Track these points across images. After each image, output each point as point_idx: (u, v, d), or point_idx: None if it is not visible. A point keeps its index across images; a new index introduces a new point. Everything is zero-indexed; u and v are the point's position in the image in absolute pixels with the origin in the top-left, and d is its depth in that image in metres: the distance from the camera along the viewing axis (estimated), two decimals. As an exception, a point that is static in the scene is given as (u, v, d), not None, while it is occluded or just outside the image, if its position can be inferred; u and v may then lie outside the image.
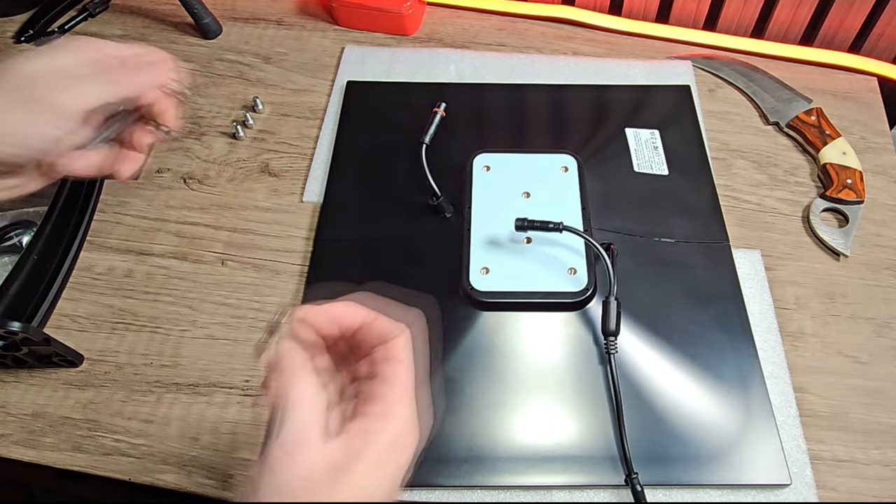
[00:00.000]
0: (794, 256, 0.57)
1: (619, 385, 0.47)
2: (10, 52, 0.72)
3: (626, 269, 0.53)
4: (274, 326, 0.32)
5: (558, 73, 0.69)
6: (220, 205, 0.60)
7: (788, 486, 0.46)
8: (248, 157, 0.64)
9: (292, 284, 0.55)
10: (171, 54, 0.48)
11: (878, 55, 0.69)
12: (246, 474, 0.47)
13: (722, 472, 0.45)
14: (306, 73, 0.70)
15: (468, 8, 0.76)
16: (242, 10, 0.76)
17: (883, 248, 0.57)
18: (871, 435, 0.48)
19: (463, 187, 0.57)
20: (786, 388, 0.50)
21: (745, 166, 0.62)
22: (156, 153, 0.64)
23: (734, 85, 0.68)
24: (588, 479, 0.45)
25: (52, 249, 0.54)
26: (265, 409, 0.32)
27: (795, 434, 0.48)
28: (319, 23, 0.75)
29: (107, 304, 0.55)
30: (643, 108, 0.65)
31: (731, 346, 0.50)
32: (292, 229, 0.59)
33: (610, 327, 0.48)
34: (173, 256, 0.57)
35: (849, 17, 0.67)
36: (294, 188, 0.61)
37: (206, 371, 0.51)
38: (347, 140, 0.63)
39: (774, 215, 0.59)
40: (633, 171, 0.60)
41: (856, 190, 0.58)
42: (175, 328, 0.53)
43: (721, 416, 0.47)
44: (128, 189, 0.61)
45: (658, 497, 0.46)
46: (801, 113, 0.63)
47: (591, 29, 0.74)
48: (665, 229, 0.56)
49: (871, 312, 0.54)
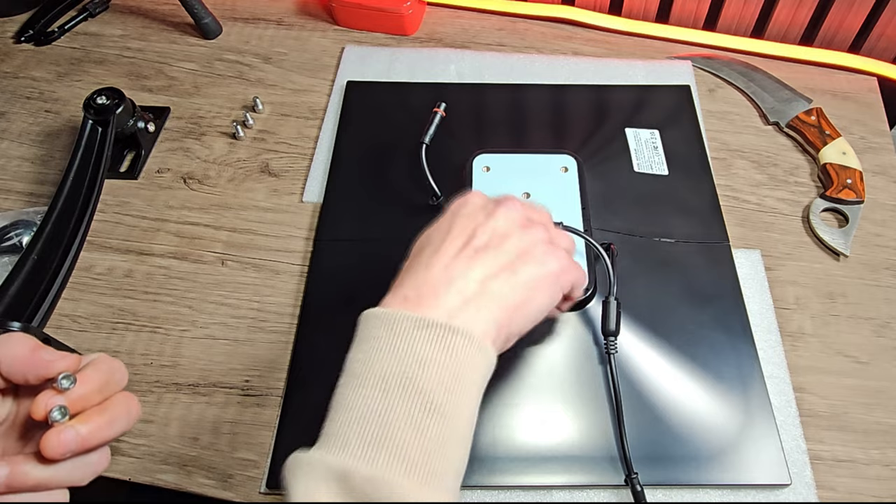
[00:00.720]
0: (794, 256, 0.57)
1: (619, 385, 0.47)
2: (10, 51, 0.72)
3: (626, 269, 0.53)
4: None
5: (558, 73, 0.69)
6: (220, 205, 0.60)
7: (788, 486, 0.46)
8: (248, 157, 0.64)
9: (292, 284, 0.55)
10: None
11: (878, 55, 0.69)
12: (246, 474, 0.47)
13: (722, 472, 0.45)
14: (306, 73, 0.70)
15: (468, 8, 0.76)
16: (242, 10, 0.76)
17: (883, 248, 0.57)
18: (871, 435, 0.48)
19: (463, 187, 0.57)
20: (786, 388, 0.50)
21: (745, 166, 0.62)
22: (156, 153, 0.64)
23: (734, 85, 0.68)
24: (588, 479, 0.45)
25: (52, 249, 0.54)
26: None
27: (795, 434, 0.48)
28: (319, 23, 0.75)
29: (107, 304, 0.55)
30: (643, 108, 0.65)
31: (731, 346, 0.50)
32: (292, 229, 0.59)
33: (610, 327, 0.48)
34: (173, 256, 0.57)
35: (849, 17, 0.67)
36: (294, 188, 0.61)
37: (206, 371, 0.51)
38: (347, 140, 0.63)
39: (774, 215, 0.59)
40: (633, 171, 0.60)
41: (856, 190, 0.58)
42: (175, 328, 0.53)
43: (721, 416, 0.47)
44: (128, 189, 0.61)
45: (658, 497, 0.46)
46: (801, 113, 0.63)
47: (590, 29, 0.74)
48: (665, 229, 0.56)
49: (871, 312, 0.54)
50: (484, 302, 0.33)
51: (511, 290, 0.35)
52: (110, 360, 0.33)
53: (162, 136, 0.65)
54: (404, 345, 0.32)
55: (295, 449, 0.46)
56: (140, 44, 0.73)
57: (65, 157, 0.63)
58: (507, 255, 0.35)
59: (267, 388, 0.50)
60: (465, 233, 0.36)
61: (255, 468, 0.47)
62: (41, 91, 0.69)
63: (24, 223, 0.58)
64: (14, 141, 0.65)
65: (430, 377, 0.31)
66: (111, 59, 0.72)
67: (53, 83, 0.70)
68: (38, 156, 0.64)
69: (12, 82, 0.70)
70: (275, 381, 0.51)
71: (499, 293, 0.34)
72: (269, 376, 0.51)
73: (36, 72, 0.71)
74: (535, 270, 0.35)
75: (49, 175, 0.62)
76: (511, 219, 0.37)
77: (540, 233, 0.37)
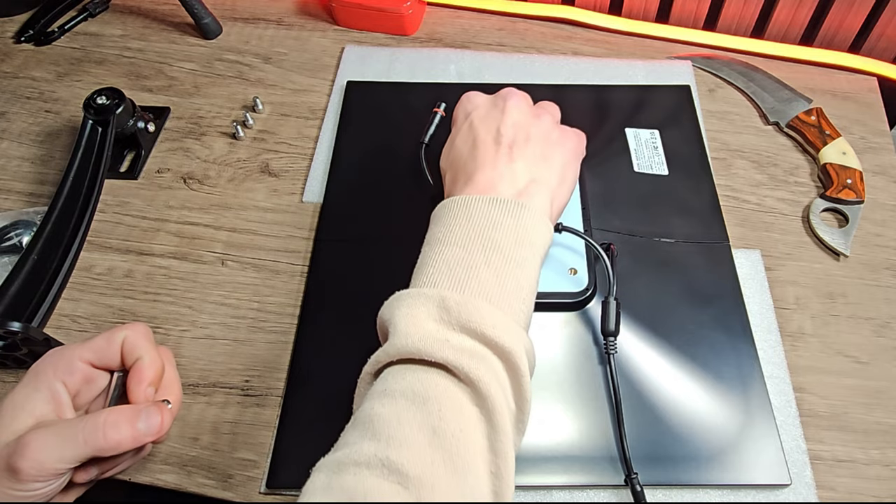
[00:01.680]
0: (794, 256, 0.57)
1: (618, 385, 0.47)
2: (10, 52, 0.72)
3: (626, 269, 0.53)
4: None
5: (558, 73, 0.69)
6: (220, 205, 0.60)
7: (788, 486, 0.46)
8: (248, 157, 0.64)
9: (292, 284, 0.55)
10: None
11: (878, 55, 0.69)
12: (246, 474, 0.47)
13: (722, 472, 0.45)
14: (306, 73, 0.70)
15: (468, 8, 0.76)
16: (242, 10, 0.76)
17: (883, 248, 0.57)
18: (871, 435, 0.48)
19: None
20: (786, 388, 0.50)
21: (745, 166, 0.62)
22: (156, 153, 0.64)
23: (734, 85, 0.68)
24: (588, 479, 0.45)
25: (52, 249, 0.54)
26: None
27: (795, 434, 0.48)
28: (319, 23, 0.75)
29: (107, 304, 0.55)
30: (643, 108, 0.65)
31: (731, 346, 0.50)
32: (292, 229, 0.59)
33: (609, 327, 0.48)
34: (173, 256, 0.57)
35: (849, 17, 0.67)
36: (294, 188, 0.61)
37: (206, 371, 0.51)
38: (347, 140, 0.63)
39: (774, 215, 0.59)
40: (633, 171, 0.60)
41: (856, 190, 0.58)
42: (175, 328, 0.53)
43: (721, 416, 0.47)
44: (128, 189, 0.61)
45: (658, 497, 0.46)
46: (801, 113, 0.63)
47: (590, 29, 0.74)
48: (665, 229, 0.56)
49: (871, 312, 0.54)
50: (534, 189, 0.39)
51: (550, 174, 0.40)
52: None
53: (162, 136, 0.65)
54: (480, 215, 0.37)
55: (295, 449, 0.47)
56: (140, 44, 0.73)
57: (65, 157, 0.63)
58: (536, 144, 0.40)
59: (267, 388, 0.50)
60: (491, 134, 0.41)
61: (255, 468, 0.47)
62: (41, 91, 0.69)
63: (24, 223, 0.58)
64: (14, 141, 0.65)
65: (504, 235, 0.37)
66: (111, 59, 0.72)
67: (53, 83, 0.70)
68: (38, 156, 0.64)
69: (12, 82, 0.70)
70: (275, 381, 0.51)
71: (542, 179, 0.39)
72: (269, 376, 0.51)
73: (36, 72, 0.71)
74: (562, 152, 0.41)
75: (49, 175, 0.63)
76: (522, 110, 0.42)
77: (547, 118, 0.43)
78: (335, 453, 0.32)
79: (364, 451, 0.30)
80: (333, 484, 0.30)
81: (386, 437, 0.31)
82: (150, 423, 0.38)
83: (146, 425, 0.38)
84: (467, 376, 0.32)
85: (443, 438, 0.31)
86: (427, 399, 0.32)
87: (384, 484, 0.29)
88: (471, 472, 0.31)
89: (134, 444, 0.38)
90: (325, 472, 0.31)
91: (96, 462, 0.39)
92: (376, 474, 0.29)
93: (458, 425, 0.31)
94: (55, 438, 0.36)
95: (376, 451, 0.30)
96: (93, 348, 0.40)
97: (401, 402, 0.32)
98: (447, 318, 0.34)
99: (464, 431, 0.31)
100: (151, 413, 0.38)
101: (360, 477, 0.29)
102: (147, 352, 0.40)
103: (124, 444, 0.37)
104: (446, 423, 0.31)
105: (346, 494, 0.29)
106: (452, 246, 0.37)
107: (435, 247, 0.38)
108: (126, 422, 0.37)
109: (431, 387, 0.32)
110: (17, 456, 0.35)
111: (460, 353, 0.33)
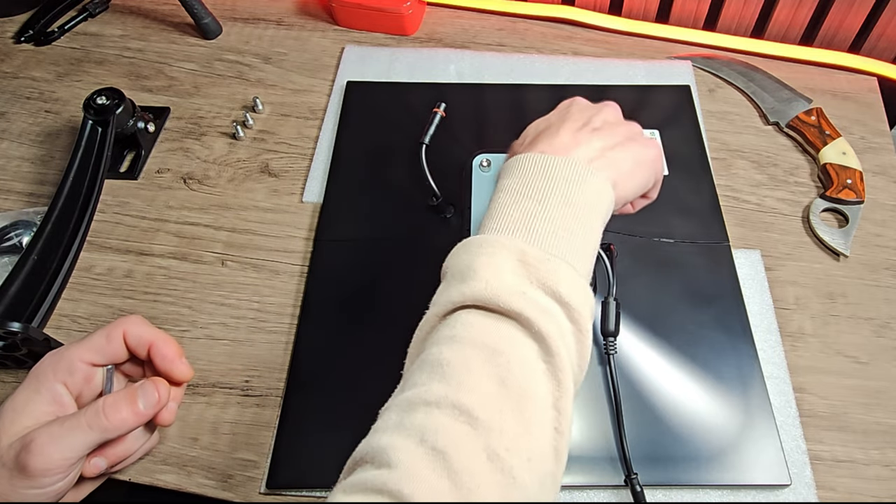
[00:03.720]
0: (794, 256, 0.57)
1: (618, 385, 0.47)
2: (10, 51, 0.72)
3: (626, 270, 0.53)
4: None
5: (558, 73, 0.69)
6: (220, 205, 0.60)
7: (788, 487, 0.46)
8: (248, 157, 0.64)
9: (292, 284, 0.55)
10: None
11: (878, 55, 0.69)
12: (246, 474, 0.47)
13: (722, 473, 0.45)
14: (306, 73, 0.70)
15: (468, 8, 0.76)
16: (242, 10, 0.76)
17: (883, 248, 0.57)
18: (871, 435, 0.48)
19: (463, 188, 0.57)
20: (786, 388, 0.50)
21: (745, 166, 0.62)
22: (156, 153, 0.64)
23: (734, 85, 0.68)
24: (588, 479, 0.45)
25: (52, 249, 0.54)
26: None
27: (795, 434, 0.48)
28: (319, 23, 0.75)
29: (107, 305, 0.55)
30: (643, 109, 0.65)
31: (731, 346, 0.50)
32: (292, 229, 0.59)
33: (609, 328, 0.48)
34: (173, 257, 0.57)
35: (849, 17, 0.67)
36: (294, 188, 0.61)
37: (206, 371, 0.51)
38: (347, 140, 0.63)
39: (774, 215, 0.59)
40: (633, 172, 0.60)
41: (856, 190, 0.58)
42: (175, 328, 0.53)
43: (721, 416, 0.47)
44: (128, 189, 0.61)
45: (658, 497, 0.46)
46: (801, 113, 0.63)
47: (590, 29, 0.74)
48: (665, 229, 0.56)
49: (871, 312, 0.54)
50: (604, 164, 0.39)
51: (623, 159, 0.40)
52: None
53: (162, 137, 0.65)
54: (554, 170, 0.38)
55: (295, 449, 0.47)
56: (140, 44, 0.73)
57: (65, 157, 0.63)
58: (619, 135, 0.41)
59: (267, 388, 0.50)
60: (581, 119, 0.42)
61: (254, 468, 0.47)
62: (41, 91, 0.69)
63: (24, 223, 0.58)
64: (14, 141, 0.65)
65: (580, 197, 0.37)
66: (111, 59, 0.72)
67: (53, 83, 0.70)
68: (38, 156, 0.64)
69: (12, 82, 0.70)
70: (275, 381, 0.51)
71: (615, 160, 0.40)
72: (269, 376, 0.51)
73: (36, 72, 0.71)
74: (642, 150, 0.42)
75: (49, 175, 0.63)
76: (616, 115, 0.44)
77: (636, 126, 0.44)
78: (403, 393, 0.32)
79: (434, 392, 0.31)
80: (405, 422, 0.30)
81: (456, 382, 0.31)
82: (147, 399, 0.40)
83: (145, 402, 0.40)
84: (539, 332, 0.33)
85: (510, 389, 0.31)
86: (496, 351, 0.32)
87: (454, 423, 0.30)
88: (535, 425, 0.31)
89: (137, 421, 0.40)
90: (396, 410, 0.31)
91: (105, 452, 0.40)
92: (446, 413, 0.30)
93: (525, 379, 0.32)
94: (60, 429, 0.37)
95: (447, 392, 0.31)
96: (92, 347, 0.41)
97: (469, 350, 0.32)
98: (525, 272, 0.35)
99: (531, 385, 0.32)
100: (147, 389, 0.40)
101: (431, 415, 0.30)
102: (154, 334, 0.42)
103: (128, 421, 0.39)
104: (514, 376, 0.32)
105: (418, 431, 0.30)
106: (530, 199, 0.37)
107: (511, 196, 0.38)
108: (124, 401, 0.39)
109: (502, 338, 0.33)
110: (24, 452, 0.36)
111: (535, 307, 0.33)
